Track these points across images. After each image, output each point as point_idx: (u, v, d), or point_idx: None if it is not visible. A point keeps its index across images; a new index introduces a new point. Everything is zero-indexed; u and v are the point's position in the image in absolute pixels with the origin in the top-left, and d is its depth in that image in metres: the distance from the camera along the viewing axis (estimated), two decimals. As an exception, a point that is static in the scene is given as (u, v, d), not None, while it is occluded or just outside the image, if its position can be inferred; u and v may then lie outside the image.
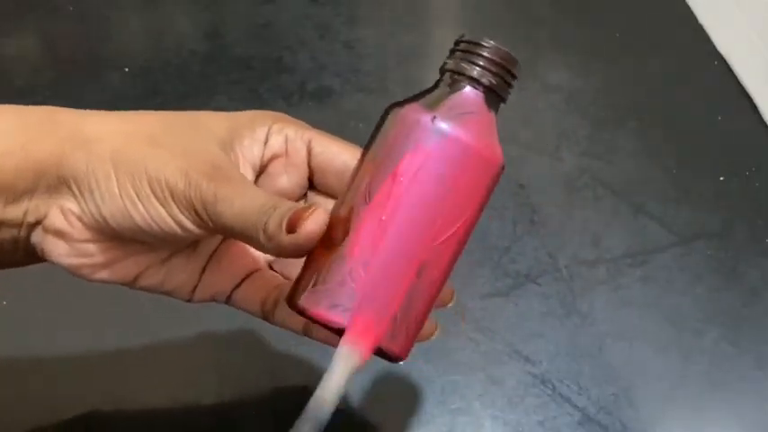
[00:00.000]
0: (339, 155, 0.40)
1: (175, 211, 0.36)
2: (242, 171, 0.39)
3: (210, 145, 0.38)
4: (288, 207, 0.35)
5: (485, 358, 0.52)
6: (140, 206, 0.36)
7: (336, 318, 0.35)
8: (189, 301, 0.42)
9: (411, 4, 0.79)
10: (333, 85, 0.69)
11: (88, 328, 0.53)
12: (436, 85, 0.37)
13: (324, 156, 0.40)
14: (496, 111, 0.37)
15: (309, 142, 0.40)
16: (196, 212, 0.36)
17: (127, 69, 0.71)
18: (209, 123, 0.39)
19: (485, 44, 0.36)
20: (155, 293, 0.41)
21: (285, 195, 0.41)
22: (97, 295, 0.49)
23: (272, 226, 0.34)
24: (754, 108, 0.68)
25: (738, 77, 0.70)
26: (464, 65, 0.36)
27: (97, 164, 0.36)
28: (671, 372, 0.52)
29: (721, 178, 0.63)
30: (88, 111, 0.39)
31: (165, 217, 0.36)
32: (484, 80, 0.36)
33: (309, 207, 0.34)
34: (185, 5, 0.78)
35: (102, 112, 0.39)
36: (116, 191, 0.36)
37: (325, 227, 0.34)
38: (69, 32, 0.75)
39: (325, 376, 0.35)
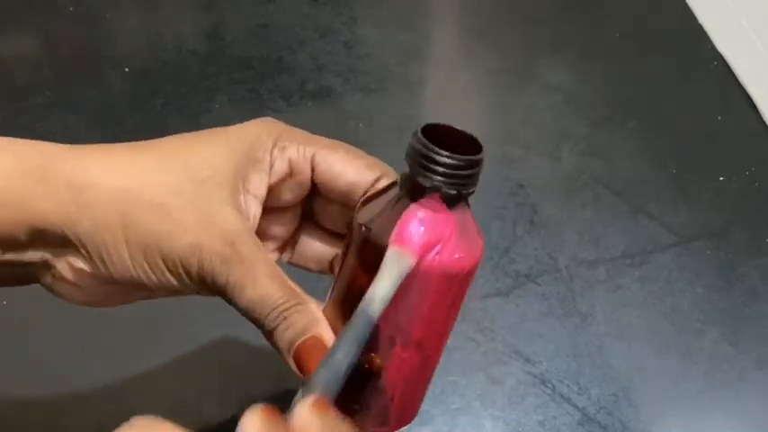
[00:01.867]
0: (343, 174, 0.39)
1: (187, 283, 0.36)
2: (247, 207, 0.38)
3: (221, 207, 0.37)
4: (298, 328, 0.36)
5: (485, 358, 0.52)
6: (152, 276, 0.36)
7: None
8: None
9: (411, 4, 0.79)
10: (333, 85, 0.69)
11: (88, 329, 0.53)
12: (401, 191, 0.35)
13: (328, 174, 0.39)
14: (467, 204, 0.36)
15: (313, 159, 0.39)
16: (207, 287, 0.36)
17: (127, 69, 0.71)
18: (214, 175, 0.37)
19: (442, 155, 0.33)
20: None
21: (287, 208, 0.41)
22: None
23: (280, 344, 0.36)
24: (754, 108, 0.68)
25: (738, 77, 0.70)
26: (425, 177, 0.34)
27: (107, 233, 0.36)
28: (671, 372, 0.52)
29: (721, 178, 0.63)
30: (82, 151, 0.37)
31: (176, 286, 0.37)
32: (449, 191, 0.34)
33: (321, 348, 0.35)
34: (185, 5, 0.78)
35: (99, 158, 0.37)
36: (128, 262, 0.36)
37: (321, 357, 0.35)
38: (69, 32, 0.74)
39: (374, 283, 0.34)
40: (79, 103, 0.67)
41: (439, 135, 0.34)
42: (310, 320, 0.36)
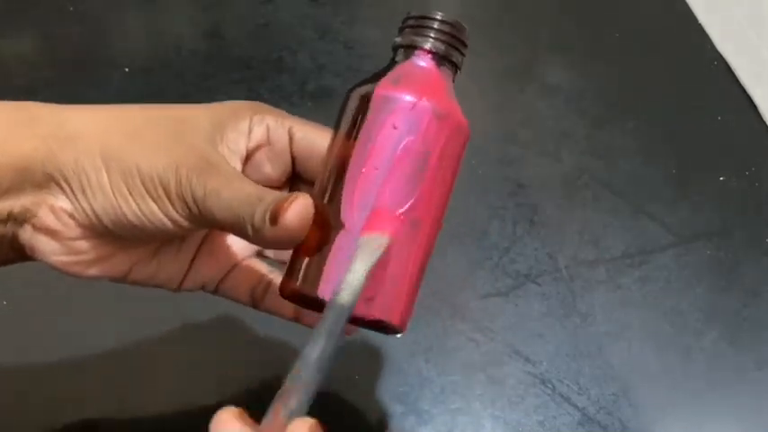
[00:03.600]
0: (320, 140, 0.40)
1: (168, 206, 0.36)
2: (232, 164, 0.39)
3: (197, 139, 0.38)
4: (272, 198, 0.35)
5: (485, 358, 0.52)
6: (132, 203, 0.36)
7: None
8: (177, 290, 0.42)
9: (411, 4, 0.79)
10: (333, 85, 0.69)
11: (88, 328, 0.53)
12: (392, 63, 0.38)
13: (305, 141, 0.40)
14: (453, 78, 0.38)
15: (290, 129, 0.41)
16: (188, 207, 0.36)
17: (127, 69, 0.71)
18: (193, 118, 0.39)
19: (434, 16, 0.38)
20: (145, 286, 0.41)
21: (270, 183, 0.41)
22: (97, 295, 0.49)
23: (258, 219, 0.34)
24: (754, 108, 0.68)
25: (738, 77, 0.70)
26: (415, 37, 0.38)
27: (86, 161, 0.36)
28: (671, 372, 0.52)
29: (721, 178, 0.63)
30: (64, 105, 0.39)
31: (156, 213, 0.36)
32: (439, 49, 0.38)
33: (289, 196, 0.35)
34: (185, 5, 0.78)
35: (80, 107, 0.39)
36: (108, 188, 0.36)
37: (308, 216, 0.35)
38: (69, 32, 0.74)
39: (349, 266, 0.34)
40: (79, 103, 0.67)
41: None
42: (287, 194, 0.35)
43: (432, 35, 0.38)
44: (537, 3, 0.79)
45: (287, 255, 0.40)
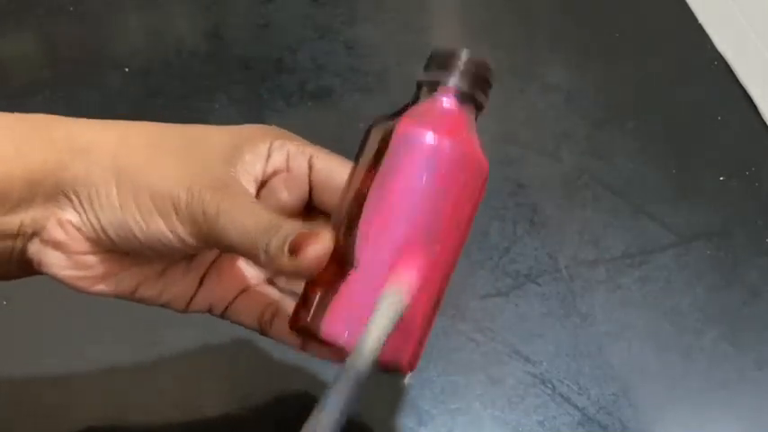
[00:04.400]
0: (340, 171, 0.40)
1: (176, 224, 0.36)
2: (245, 186, 0.38)
3: (212, 159, 0.37)
4: (292, 228, 0.34)
5: (485, 358, 0.52)
6: (140, 218, 0.36)
7: (350, 339, 0.34)
8: (184, 311, 0.42)
9: (411, 4, 0.79)
10: (333, 85, 0.69)
11: (89, 330, 0.53)
12: (415, 100, 0.38)
13: (325, 172, 0.40)
14: (476, 118, 0.38)
15: (311, 158, 0.40)
16: (197, 226, 0.35)
17: (127, 69, 0.71)
18: (209, 137, 0.38)
19: (460, 54, 0.37)
20: (151, 305, 0.41)
21: (286, 211, 0.40)
22: (99, 298, 0.49)
23: (273, 247, 0.34)
24: (754, 108, 0.68)
25: (738, 77, 0.70)
26: (440, 75, 0.37)
27: (97, 174, 0.36)
28: (671, 372, 0.52)
29: (721, 178, 0.63)
30: (82, 119, 0.38)
31: (164, 230, 0.36)
32: (463, 88, 0.37)
33: (316, 232, 0.34)
34: (185, 5, 0.78)
35: (97, 121, 0.38)
36: (116, 202, 0.36)
37: (328, 253, 0.34)
38: (69, 32, 0.74)
39: (368, 325, 0.33)
40: (79, 103, 0.67)
41: None
42: (302, 225, 0.35)
43: (457, 73, 0.37)
44: (537, 3, 0.79)
45: (298, 284, 0.40)
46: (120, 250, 0.38)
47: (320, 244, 0.34)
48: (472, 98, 0.37)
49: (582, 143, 0.66)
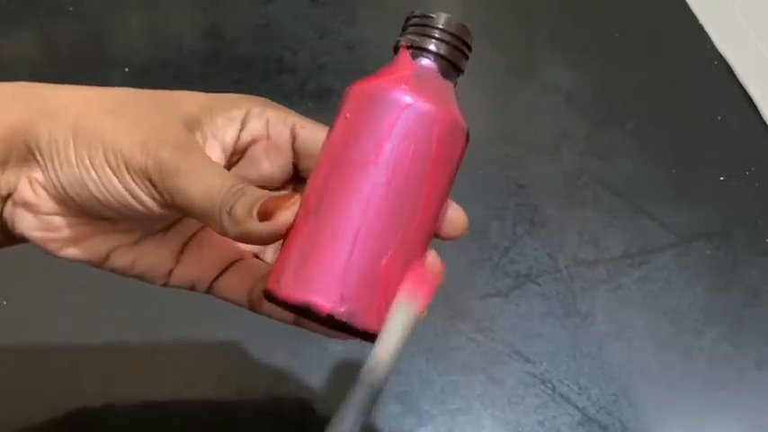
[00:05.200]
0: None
1: (129, 181, 0.35)
2: (208, 151, 0.38)
3: (174, 119, 0.37)
4: (261, 193, 0.34)
5: (485, 358, 0.52)
6: (94, 175, 0.36)
7: (324, 301, 0.33)
8: (164, 285, 0.40)
9: (411, 4, 0.79)
10: (333, 85, 0.69)
11: (87, 329, 0.53)
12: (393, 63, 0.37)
13: (310, 140, 0.39)
14: (455, 81, 0.37)
15: (293, 126, 0.39)
16: (153, 184, 0.35)
17: (127, 69, 0.71)
18: (182, 101, 0.38)
19: (436, 16, 0.37)
20: (127, 276, 0.40)
21: (268, 181, 0.40)
22: (97, 296, 0.49)
23: (239, 210, 0.33)
24: (754, 108, 0.68)
25: (738, 77, 0.70)
26: (418, 38, 0.37)
27: (59, 132, 0.36)
28: (671, 372, 0.52)
29: (721, 178, 0.63)
30: (65, 85, 0.39)
31: (118, 188, 0.36)
32: (441, 51, 0.37)
33: (291, 196, 0.34)
34: (185, 5, 0.78)
35: (77, 86, 0.39)
36: (72, 159, 0.36)
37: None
38: (69, 32, 0.74)
39: (381, 334, 0.32)
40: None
41: None
42: (288, 195, 0.34)
43: (436, 36, 0.37)
44: (537, 3, 0.79)
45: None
46: (86, 213, 0.37)
47: (291, 210, 0.33)
48: (451, 62, 0.37)
49: (582, 143, 0.66)
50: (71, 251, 0.39)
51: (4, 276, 0.41)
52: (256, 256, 0.42)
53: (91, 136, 0.36)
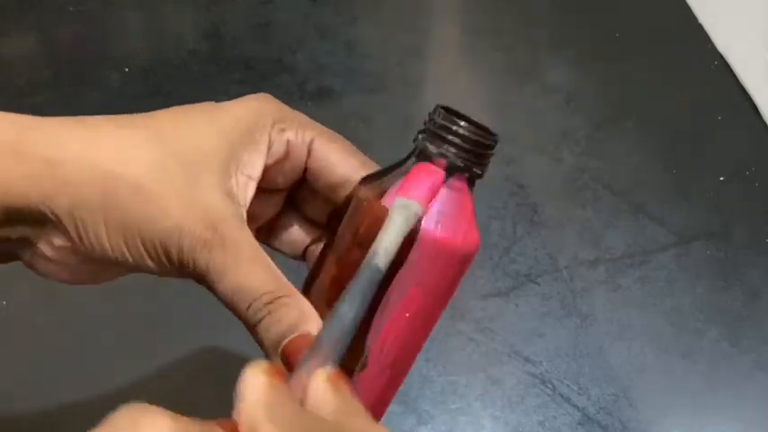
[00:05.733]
0: (337, 167, 0.38)
1: (167, 269, 0.35)
2: (244, 190, 0.37)
3: (208, 191, 0.35)
4: (289, 324, 0.33)
5: (485, 358, 0.52)
6: (131, 259, 0.35)
7: None
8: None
9: (411, 4, 0.79)
10: (333, 85, 0.69)
11: (88, 330, 0.53)
12: (417, 167, 0.35)
13: (323, 163, 0.39)
14: (473, 187, 0.36)
15: (311, 143, 0.39)
16: (188, 274, 0.35)
17: (127, 69, 0.71)
18: (204, 156, 0.36)
19: (461, 124, 0.34)
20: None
21: (276, 191, 0.40)
22: (97, 297, 0.49)
23: (265, 339, 0.33)
24: (754, 108, 0.68)
25: (738, 77, 0.70)
26: (452, 151, 0.34)
27: (85, 212, 0.35)
28: (671, 372, 0.52)
29: (721, 178, 0.63)
30: (57, 125, 0.36)
31: (154, 270, 0.35)
32: (461, 164, 0.34)
33: (307, 341, 0.32)
34: (185, 5, 0.78)
35: (75, 128, 0.36)
36: (106, 243, 0.35)
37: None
38: (69, 32, 0.74)
39: (379, 235, 0.33)
40: (79, 103, 0.67)
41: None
42: (299, 315, 0.33)
43: (472, 157, 0.34)
44: (537, 3, 0.79)
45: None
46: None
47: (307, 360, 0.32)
48: (468, 173, 0.35)
49: (582, 143, 0.66)
50: (83, 280, 0.38)
51: (3, 277, 0.41)
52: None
53: (123, 223, 0.34)
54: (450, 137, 0.34)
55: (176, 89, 0.69)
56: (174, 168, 0.35)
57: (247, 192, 0.37)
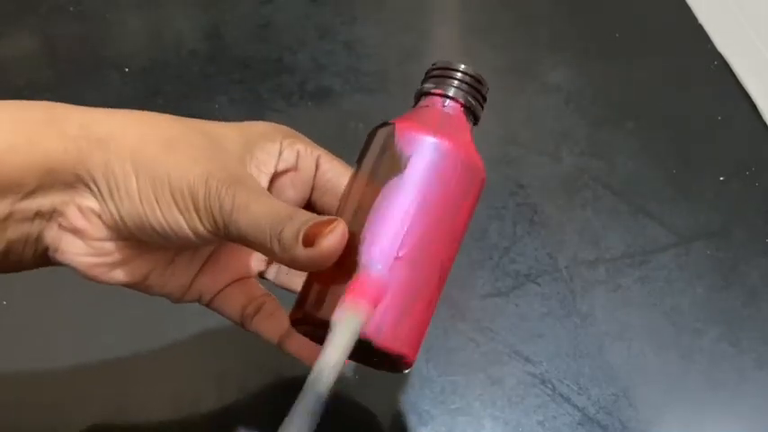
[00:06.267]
0: (343, 176, 0.41)
1: (194, 218, 0.36)
2: (259, 180, 0.39)
3: (228, 156, 0.38)
4: (306, 218, 0.34)
5: (485, 358, 0.52)
6: (159, 212, 0.36)
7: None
8: (178, 301, 0.42)
9: (411, 4, 0.79)
10: (333, 85, 0.69)
11: (88, 330, 0.53)
12: (417, 109, 0.40)
13: (329, 175, 0.41)
14: (472, 127, 0.40)
15: (318, 158, 0.41)
16: (214, 220, 0.36)
17: (127, 69, 0.71)
18: (224, 136, 0.39)
19: (459, 68, 0.40)
20: (151, 295, 0.41)
21: None
22: (97, 297, 0.49)
23: (287, 236, 0.34)
24: (754, 108, 0.68)
25: (738, 77, 0.70)
26: (443, 85, 0.39)
27: (117, 165, 0.36)
28: (671, 372, 0.52)
29: (721, 178, 0.63)
30: (91, 108, 0.38)
31: (182, 224, 0.36)
32: (464, 98, 0.39)
33: (331, 221, 0.34)
34: (185, 5, 0.78)
35: (107, 110, 0.39)
36: (136, 195, 0.36)
37: (343, 244, 0.34)
38: (69, 32, 0.75)
39: (325, 345, 0.34)
40: (79, 103, 0.67)
41: None
42: (328, 219, 0.35)
43: (459, 85, 0.39)
44: (537, 3, 0.79)
45: (288, 280, 0.42)
46: (136, 238, 0.38)
47: (333, 235, 0.34)
48: (472, 110, 0.40)
49: (582, 143, 0.66)
50: (116, 275, 0.39)
51: (3, 277, 0.41)
52: (261, 276, 0.43)
53: (154, 172, 0.36)
54: (444, 77, 0.40)
55: (176, 89, 0.69)
56: (198, 137, 0.38)
57: (260, 180, 0.39)
